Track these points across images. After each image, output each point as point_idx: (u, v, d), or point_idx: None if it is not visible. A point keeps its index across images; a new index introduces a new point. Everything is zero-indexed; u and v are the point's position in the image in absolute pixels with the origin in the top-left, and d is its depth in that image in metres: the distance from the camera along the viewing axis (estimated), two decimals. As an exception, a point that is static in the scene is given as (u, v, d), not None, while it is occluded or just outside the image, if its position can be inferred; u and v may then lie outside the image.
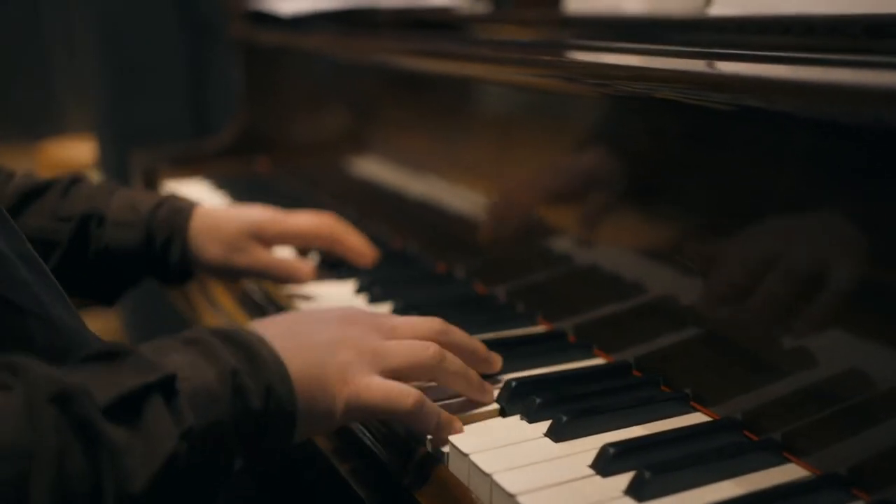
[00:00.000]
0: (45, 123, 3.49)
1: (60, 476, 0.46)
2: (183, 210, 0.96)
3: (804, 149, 0.62)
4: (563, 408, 0.65)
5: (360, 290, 0.96)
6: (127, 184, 1.93)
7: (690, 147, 0.71)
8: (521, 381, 0.69)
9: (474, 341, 0.70)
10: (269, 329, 0.61)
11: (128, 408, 0.50)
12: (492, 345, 0.74)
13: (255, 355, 0.57)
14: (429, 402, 0.63)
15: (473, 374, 0.67)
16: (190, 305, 1.28)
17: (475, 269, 0.99)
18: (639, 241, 0.77)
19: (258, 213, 0.99)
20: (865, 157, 0.57)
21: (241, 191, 1.41)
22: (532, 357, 0.76)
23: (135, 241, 0.93)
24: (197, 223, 0.95)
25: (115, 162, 2.24)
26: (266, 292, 1.02)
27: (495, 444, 0.62)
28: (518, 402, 0.68)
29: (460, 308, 0.89)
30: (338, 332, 0.63)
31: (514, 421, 0.66)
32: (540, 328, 0.86)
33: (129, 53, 2.11)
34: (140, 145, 1.81)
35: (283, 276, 0.98)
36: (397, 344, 0.64)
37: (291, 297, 0.98)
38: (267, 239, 0.97)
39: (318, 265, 1.02)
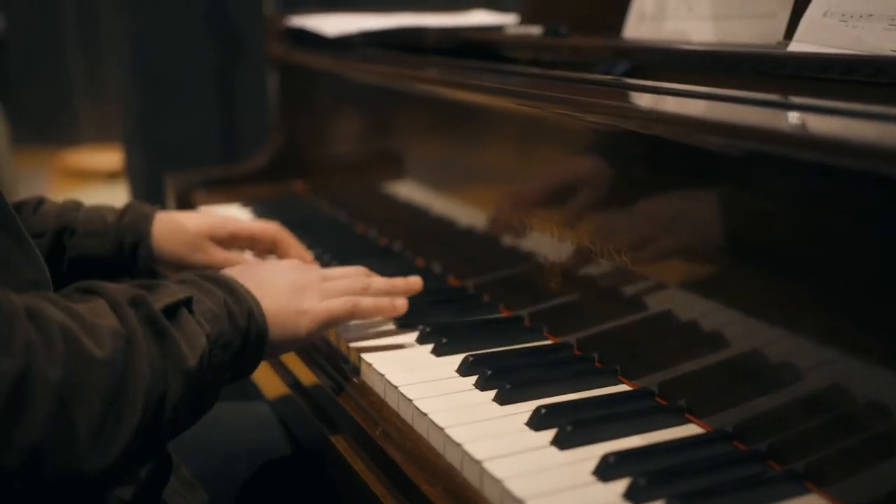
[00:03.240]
0: (63, 132, 3.47)
1: (147, 354, 0.64)
2: (146, 216, 1.08)
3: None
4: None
5: (422, 342, 0.91)
6: (156, 199, 1.90)
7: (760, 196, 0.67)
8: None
9: (393, 279, 0.94)
10: (240, 276, 0.81)
11: (170, 315, 0.69)
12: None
13: (235, 290, 0.77)
14: (362, 299, 0.88)
15: (394, 281, 0.94)
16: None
17: (539, 314, 0.95)
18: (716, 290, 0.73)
19: (213, 217, 1.14)
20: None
21: (282, 220, 1.36)
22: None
23: (106, 248, 1.05)
24: (158, 227, 1.08)
25: (142, 173, 2.20)
26: None
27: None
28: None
29: (539, 366, 0.85)
30: (293, 277, 0.85)
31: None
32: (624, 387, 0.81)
33: (159, 67, 2.08)
34: (168, 157, 1.78)
35: None
36: (334, 282, 0.89)
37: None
38: (220, 239, 1.11)
39: None
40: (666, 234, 0.78)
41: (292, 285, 0.84)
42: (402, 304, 0.92)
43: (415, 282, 0.95)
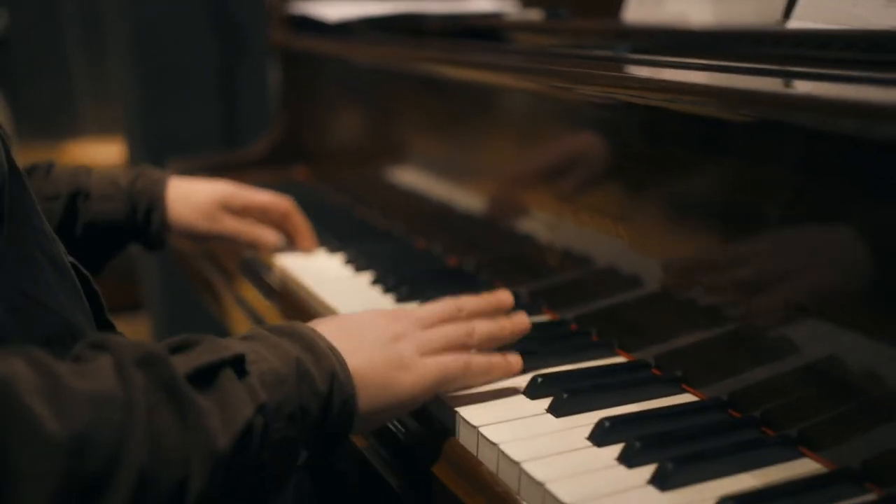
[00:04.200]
0: (65, 125, 3.48)
1: (152, 430, 0.50)
2: (159, 180, 1.06)
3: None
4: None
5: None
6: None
7: (782, 168, 0.67)
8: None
9: (482, 298, 0.79)
10: (322, 327, 0.66)
11: (205, 379, 0.55)
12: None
13: (314, 345, 0.62)
14: (475, 357, 0.72)
15: (499, 324, 0.76)
16: (221, 308, 1.25)
17: (539, 292, 0.95)
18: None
19: (226, 185, 1.11)
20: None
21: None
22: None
23: (119, 212, 1.03)
24: (172, 192, 1.06)
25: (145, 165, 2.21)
26: (282, 280, 1.09)
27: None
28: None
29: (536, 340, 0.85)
30: (384, 328, 0.69)
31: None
32: (620, 359, 0.82)
33: (160, 58, 2.08)
34: (169, 149, 1.78)
35: (250, 242, 1.12)
36: (435, 331, 0.72)
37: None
38: (234, 208, 1.09)
39: None
40: (666, 209, 0.78)
41: (385, 335, 0.69)
42: (516, 361, 0.75)
43: (521, 322, 0.78)
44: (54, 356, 0.51)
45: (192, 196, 1.07)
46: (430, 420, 0.73)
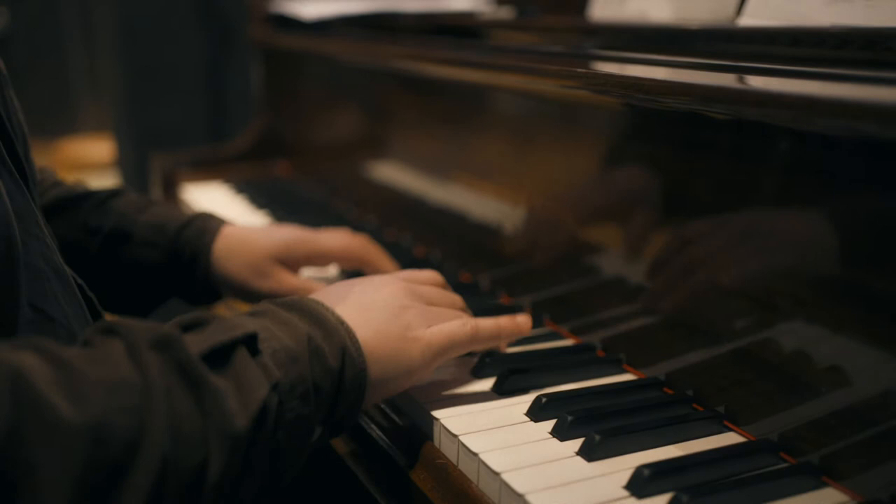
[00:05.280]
0: (62, 122, 3.51)
1: (170, 412, 0.49)
2: (209, 230, 0.95)
3: (834, 164, 0.61)
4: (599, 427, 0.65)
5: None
6: (146, 186, 1.94)
7: (725, 162, 0.70)
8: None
9: (500, 319, 0.75)
10: (330, 298, 0.66)
11: (219, 359, 0.54)
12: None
13: (324, 321, 0.62)
14: (482, 320, 0.72)
15: (502, 321, 0.74)
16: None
17: (500, 279, 0.99)
18: (655, 248, 0.76)
19: (287, 234, 0.96)
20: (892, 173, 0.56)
21: (261, 195, 1.41)
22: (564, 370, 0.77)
23: (159, 259, 0.93)
24: (221, 244, 0.94)
25: (132, 161, 2.25)
26: None
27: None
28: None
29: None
30: (391, 299, 0.69)
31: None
32: (569, 342, 0.85)
33: (148, 55, 2.11)
34: (157, 145, 1.81)
35: None
36: (439, 307, 0.72)
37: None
38: (294, 261, 0.95)
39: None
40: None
41: (392, 305, 0.68)
42: (524, 320, 0.76)
43: (524, 322, 0.76)
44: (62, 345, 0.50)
45: (243, 248, 0.93)
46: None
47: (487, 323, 0.72)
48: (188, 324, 0.57)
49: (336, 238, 0.96)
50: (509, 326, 0.74)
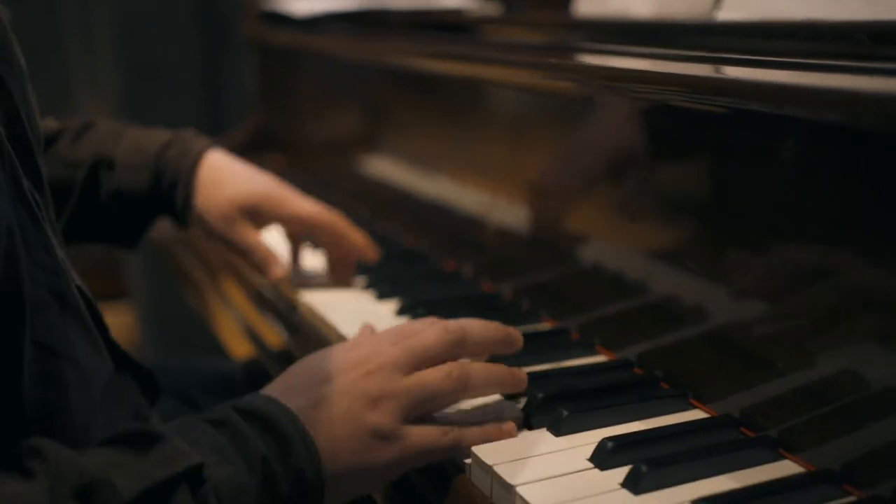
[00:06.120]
0: (61, 117, 3.53)
1: None
2: (192, 152, 0.93)
3: (806, 152, 0.63)
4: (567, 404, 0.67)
5: (367, 287, 0.98)
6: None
7: (694, 150, 0.73)
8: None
9: (489, 329, 0.67)
10: (296, 397, 0.59)
11: (154, 500, 0.49)
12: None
13: (284, 438, 0.56)
14: (466, 431, 0.62)
15: (500, 372, 0.66)
16: (203, 303, 1.30)
17: (483, 267, 1.01)
18: (644, 241, 0.78)
19: (261, 188, 0.93)
20: (865, 162, 0.58)
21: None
22: (537, 353, 0.78)
23: (143, 183, 0.92)
24: (205, 172, 0.92)
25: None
26: (278, 291, 1.03)
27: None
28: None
29: (467, 306, 0.91)
30: (363, 387, 0.60)
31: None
32: (545, 325, 0.87)
33: (145, 52, 2.13)
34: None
35: (257, 264, 0.94)
36: (420, 383, 0.62)
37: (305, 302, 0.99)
38: (262, 218, 0.93)
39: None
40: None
41: (364, 395, 0.60)
42: (510, 429, 0.64)
43: (521, 376, 0.67)
44: None
45: (220, 186, 0.91)
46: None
47: (474, 433, 0.62)
48: (132, 440, 0.52)
49: (308, 204, 0.94)
50: (495, 435, 0.63)
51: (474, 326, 0.66)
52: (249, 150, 1.64)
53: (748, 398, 0.65)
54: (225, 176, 0.92)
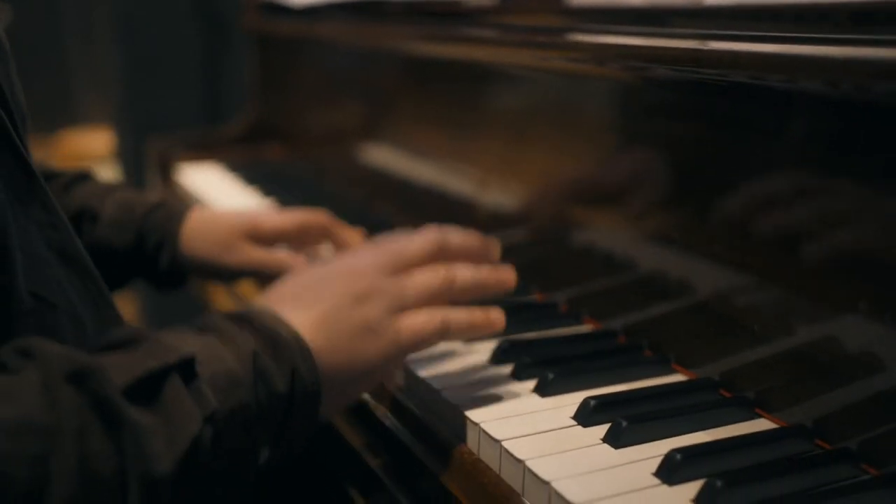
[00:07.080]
0: (62, 114, 3.55)
1: (82, 455, 0.45)
2: (177, 213, 0.94)
3: (784, 123, 0.65)
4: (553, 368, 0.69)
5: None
6: (142, 168, 1.98)
7: (676, 125, 0.75)
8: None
9: (468, 236, 0.70)
10: (283, 304, 0.60)
11: (147, 390, 0.49)
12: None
13: (275, 336, 0.56)
14: (453, 312, 0.64)
15: (484, 277, 0.67)
16: (206, 294, 1.32)
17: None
18: (629, 217, 0.80)
19: (252, 211, 0.98)
20: (844, 130, 0.60)
21: (253, 174, 1.46)
22: (526, 323, 0.80)
23: (125, 241, 0.93)
24: (189, 225, 0.94)
25: (131, 152, 2.29)
26: None
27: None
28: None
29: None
30: (350, 288, 0.62)
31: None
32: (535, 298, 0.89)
33: (145, 45, 2.15)
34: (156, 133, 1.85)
35: (278, 272, 0.91)
36: (408, 281, 0.64)
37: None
38: (263, 236, 0.94)
39: None
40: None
41: (349, 296, 0.61)
42: (498, 318, 0.67)
43: (507, 274, 0.69)
44: None
45: (210, 227, 0.94)
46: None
47: (459, 316, 0.64)
48: (119, 343, 0.52)
49: (290, 214, 0.95)
50: (482, 323, 0.66)
51: (454, 233, 0.69)
52: (248, 140, 1.67)
53: (728, 362, 0.67)
54: (215, 216, 0.96)
